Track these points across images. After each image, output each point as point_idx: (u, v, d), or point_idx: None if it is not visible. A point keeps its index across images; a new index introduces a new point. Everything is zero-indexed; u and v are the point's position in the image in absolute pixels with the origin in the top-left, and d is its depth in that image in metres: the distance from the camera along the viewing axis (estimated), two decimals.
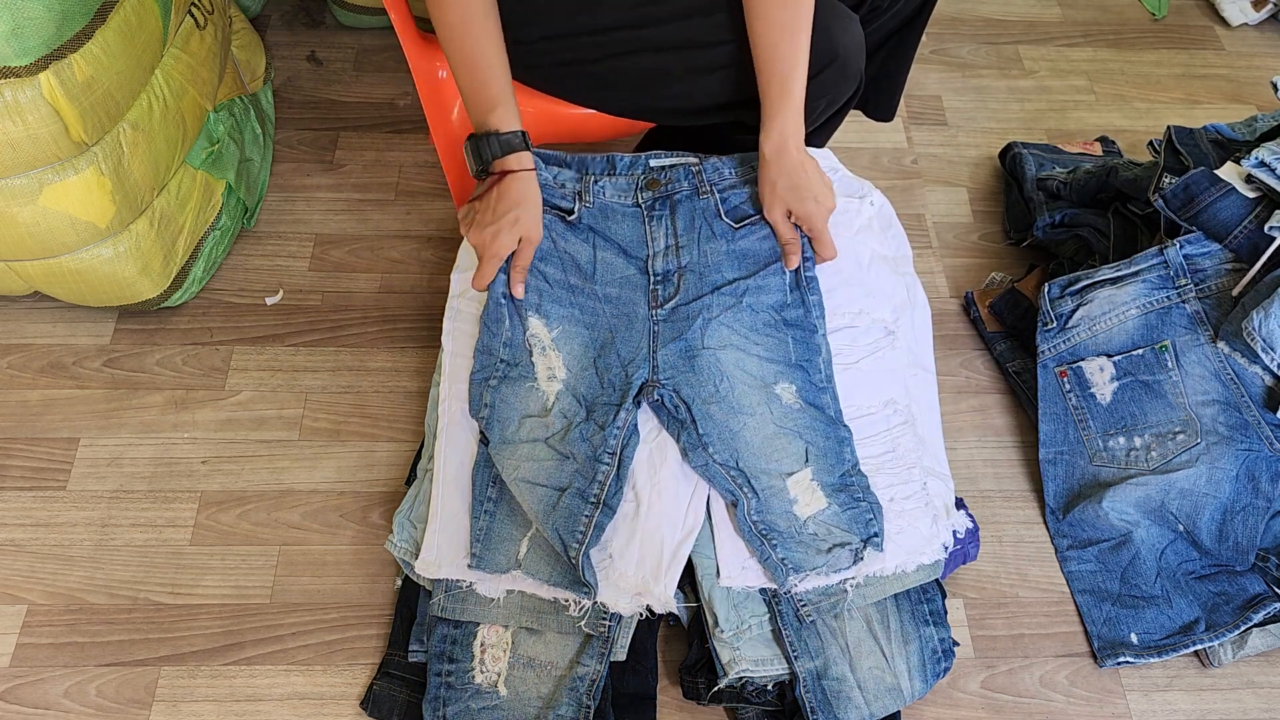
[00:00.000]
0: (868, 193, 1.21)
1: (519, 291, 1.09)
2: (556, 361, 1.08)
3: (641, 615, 1.03)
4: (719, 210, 1.14)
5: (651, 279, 1.12)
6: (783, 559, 1.01)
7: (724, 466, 1.03)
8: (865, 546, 1.02)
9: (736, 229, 1.14)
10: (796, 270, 1.12)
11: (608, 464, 1.02)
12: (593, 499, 1.01)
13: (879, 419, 1.11)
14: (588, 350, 1.09)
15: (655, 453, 1.06)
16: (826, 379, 1.09)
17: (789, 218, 1.11)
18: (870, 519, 1.03)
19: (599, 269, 1.13)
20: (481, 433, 1.07)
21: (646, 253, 1.13)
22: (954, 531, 1.09)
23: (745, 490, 1.03)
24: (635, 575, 1.00)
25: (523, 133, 1.07)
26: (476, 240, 1.08)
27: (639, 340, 1.09)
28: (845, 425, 1.08)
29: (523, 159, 1.07)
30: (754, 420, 1.05)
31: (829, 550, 1.01)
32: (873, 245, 1.18)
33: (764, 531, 1.02)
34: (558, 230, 1.13)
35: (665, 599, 1.00)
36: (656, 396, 1.06)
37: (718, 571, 1.03)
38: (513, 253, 1.09)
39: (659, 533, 1.02)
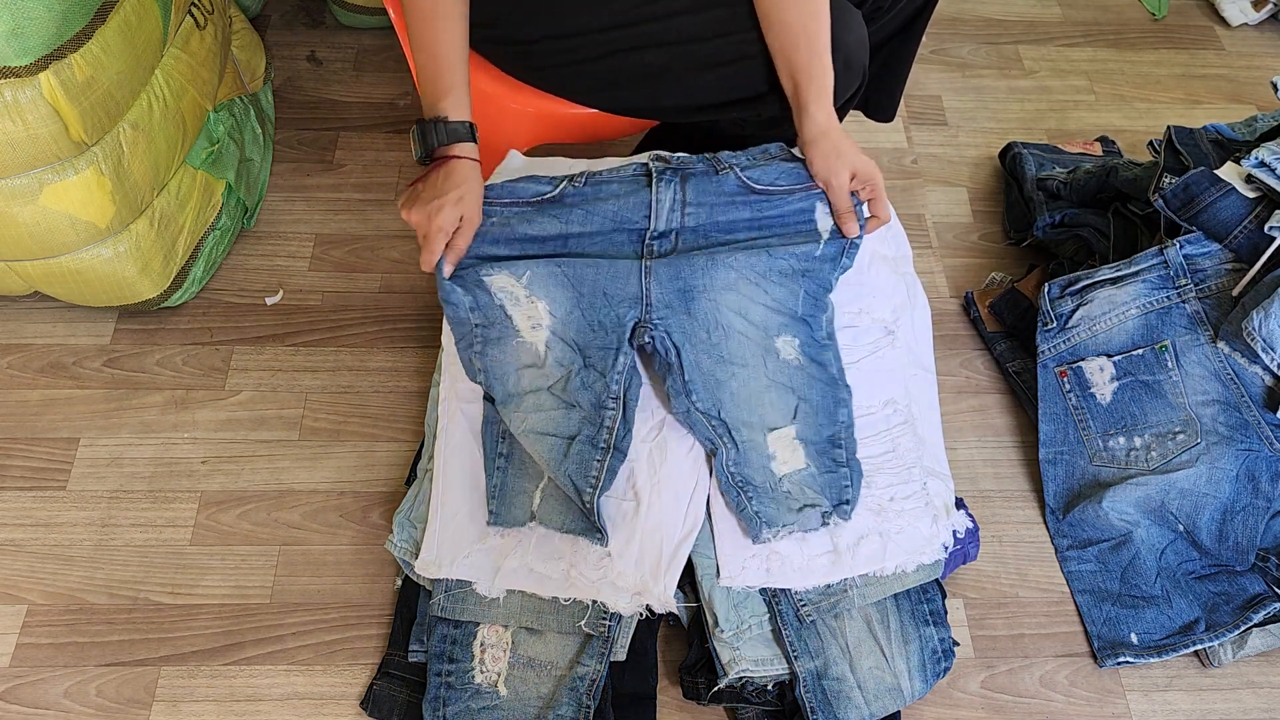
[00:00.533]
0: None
1: (448, 270, 1.07)
2: (537, 309, 1.07)
3: (641, 615, 1.03)
4: (743, 183, 1.11)
5: (647, 236, 1.10)
6: (757, 512, 1.02)
7: (705, 415, 1.04)
8: (833, 513, 1.02)
9: (762, 198, 1.11)
10: (842, 237, 1.10)
11: (613, 409, 1.03)
12: (602, 445, 1.01)
13: (879, 419, 1.11)
14: (567, 291, 1.08)
15: (655, 451, 1.06)
16: (829, 336, 1.09)
17: (849, 182, 1.09)
18: (846, 485, 1.04)
19: (571, 239, 1.11)
20: (485, 394, 1.08)
21: (648, 213, 1.10)
22: (954, 531, 1.09)
23: (725, 441, 1.03)
24: (635, 575, 1.00)
25: (470, 124, 1.07)
26: (418, 218, 1.05)
27: (626, 278, 1.07)
28: (846, 385, 1.08)
29: (467, 148, 1.06)
30: (744, 372, 1.05)
31: (800, 510, 1.02)
32: (873, 245, 1.18)
33: (740, 483, 1.03)
34: (517, 219, 1.11)
35: (665, 599, 1.00)
36: (647, 339, 1.06)
37: (718, 571, 1.03)
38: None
39: (659, 532, 1.02)
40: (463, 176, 1.05)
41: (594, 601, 1.01)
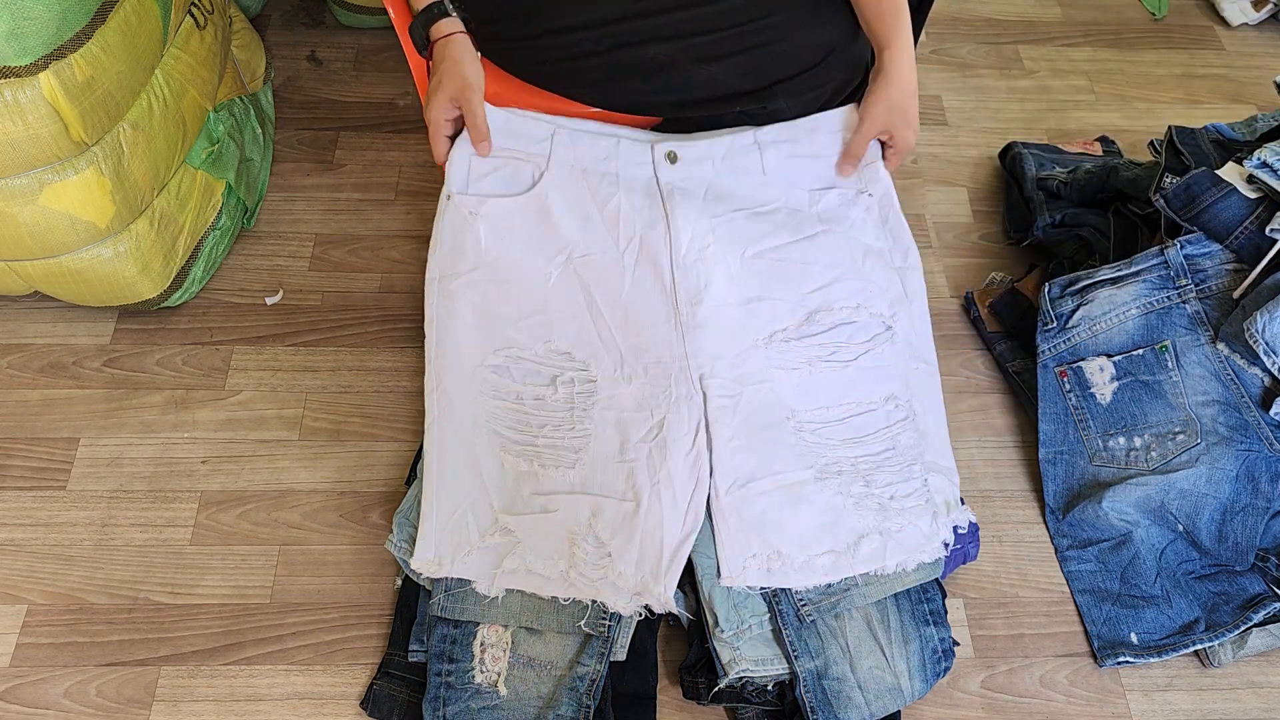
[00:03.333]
0: (867, 185, 1.21)
1: (484, 150, 1.09)
2: None
3: (641, 615, 1.03)
4: None
5: None
6: None
7: None
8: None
9: None
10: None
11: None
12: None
13: (879, 415, 1.10)
14: None
15: (655, 451, 1.06)
16: None
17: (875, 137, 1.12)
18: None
19: None
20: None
21: None
22: (955, 528, 1.09)
23: None
24: (635, 575, 1.00)
25: (443, 2, 1.07)
26: (426, 118, 1.06)
27: None
28: None
29: (444, 25, 1.06)
30: None
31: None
32: (867, 241, 1.18)
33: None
34: None
35: (665, 599, 1.00)
36: None
37: (718, 571, 1.03)
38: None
39: (659, 533, 1.02)
40: (439, 56, 1.06)
41: (594, 601, 1.01)
